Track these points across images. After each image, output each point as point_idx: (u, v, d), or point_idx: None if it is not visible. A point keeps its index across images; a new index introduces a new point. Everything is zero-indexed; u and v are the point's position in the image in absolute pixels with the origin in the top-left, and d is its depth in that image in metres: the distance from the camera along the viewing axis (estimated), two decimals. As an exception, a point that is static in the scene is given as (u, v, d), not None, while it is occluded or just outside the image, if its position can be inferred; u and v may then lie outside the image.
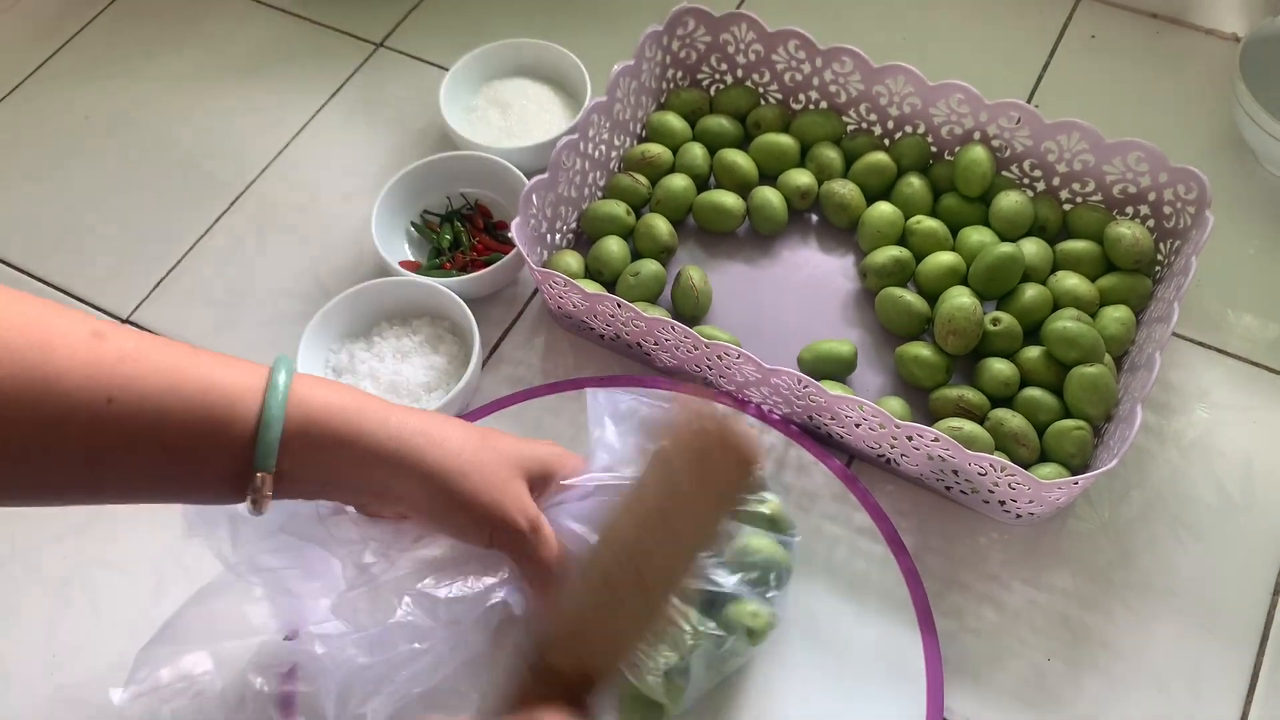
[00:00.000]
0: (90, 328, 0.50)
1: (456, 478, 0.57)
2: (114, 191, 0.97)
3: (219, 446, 0.52)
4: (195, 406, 0.51)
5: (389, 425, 0.56)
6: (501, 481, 0.58)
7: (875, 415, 0.70)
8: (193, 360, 0.52)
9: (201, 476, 0.53)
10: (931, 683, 0.67)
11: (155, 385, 0.50)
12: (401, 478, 0.56)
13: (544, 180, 0.81)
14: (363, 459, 0.55)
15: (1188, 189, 0.79)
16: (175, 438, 0.51)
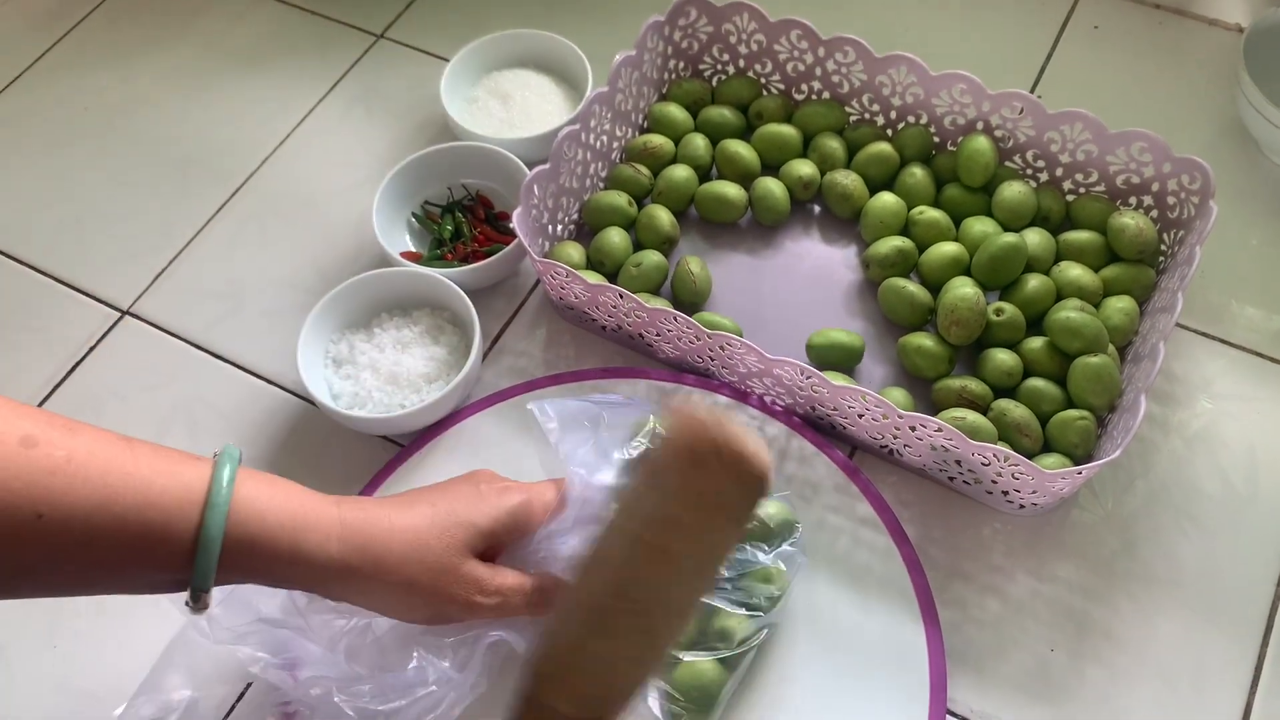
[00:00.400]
0: (20, 433, 0.48)
1: (400, 592, 0.57)
2: (114, 183, 0.97)
3: (154, 565, 0.51)
4: (130, 523, 0.50)
5: (328, 545, 0.54)
6: (451, 580, 0.58)
7: (878, 406, 0.69)
8: (129, 467, 0.50)
9: (136, 587, 0.53)
10: (935, 673, 0.67)
11: (87, 500, 0.48)
12: (343, 592, 0.57)
13: (545, 171, 0.81)
14: (303, 575, 0.55)
15: (1191, 179, 0.79)
16: (108, 554, 0.50)
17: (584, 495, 0.63)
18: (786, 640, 0.69)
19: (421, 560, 0.57)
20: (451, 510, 0.59)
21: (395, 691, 0.60)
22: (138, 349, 0.86)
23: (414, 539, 0.57)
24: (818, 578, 0.71)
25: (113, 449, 0.50)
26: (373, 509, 0.57)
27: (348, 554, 0.55)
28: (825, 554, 0.72)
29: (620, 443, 0.66)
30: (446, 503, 0.59)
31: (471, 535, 0.58)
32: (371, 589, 0.57)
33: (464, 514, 0.59)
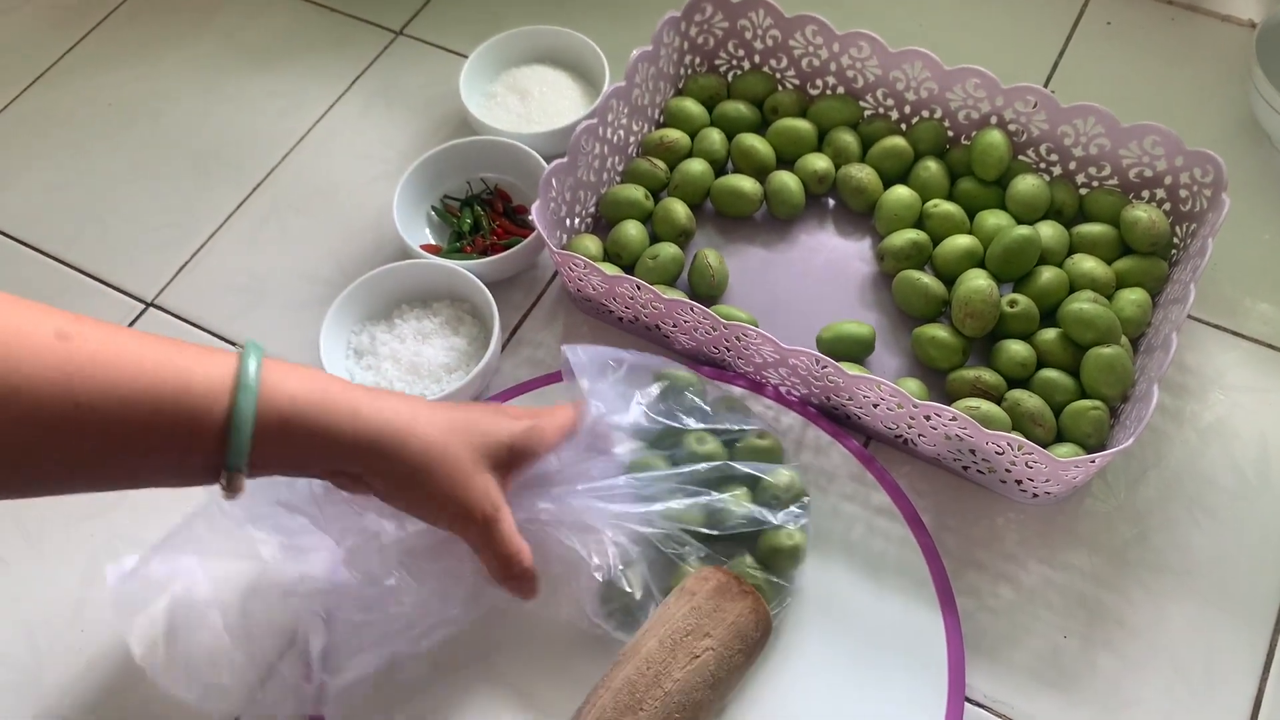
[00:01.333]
0: (54, 326, 0.50)
1: (421, 473, 0.58)
2: (137, 178, 0.98)
3: (191, 448, 0.53)
4: (165, 409, 0.51)
5: (358, 419, 0.56)
6: (465, 476, 0.59)
7: (893, 395, 0.70)
8: (160, 357, 0.52)
9: (175, 472, 0.54)
10: (953, 661, 0.68)
11: (124, 385, 0.50)
12: (367, 468, 0.58)
13: (563, 165, 0.82)
14: (331, 450, 0.56)
15: (1204, 172, 0.80)
16: (146, 440, 0.51)
17: (597, 428, 0.67)
18: (802, 627, 0.69)
19: (442, 454, 0.58)
20: (472, 419, 0.61)
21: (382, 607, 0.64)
22: (162, 340, 0.87)
23: (437, 433, 0.58)
24: (834, 565, 0.72)
25: (143, 340, 0.52)
26: (398, 399, 0.59)
27: (374, 433, 0.56)
28: (841, 542, 0.73)
29: (640, 387, 0.70)
30: (466, 412, 0.61)
31: (489, 444, 0.61)
32: (392, 470, 0.58)
33: (484, 424, 0.61)
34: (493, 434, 0.61)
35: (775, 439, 0.72)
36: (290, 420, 0.54)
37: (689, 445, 0.70)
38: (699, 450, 0.70)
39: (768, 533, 0.69)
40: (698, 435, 0.70)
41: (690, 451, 0.70)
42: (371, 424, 0.56)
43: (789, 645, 0.69)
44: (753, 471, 0.70)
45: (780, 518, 0.69)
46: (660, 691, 0.58)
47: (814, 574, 0.71)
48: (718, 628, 0.61)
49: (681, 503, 0.67)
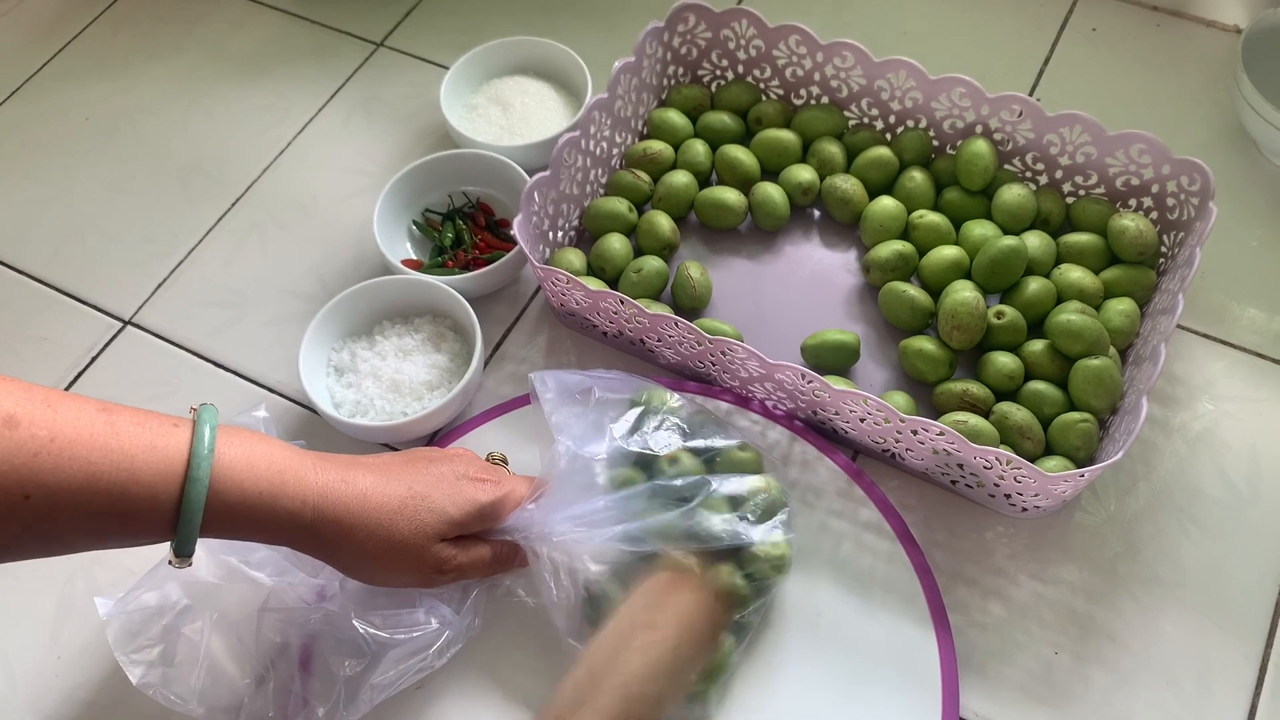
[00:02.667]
0: (3, 413, 0.50)
1: (363, 560, 0.60)
2: (116, 193, 0.97)
3: (138, 532, 0.54)
4: (115, 498, 0.52)
5: (304, 512, 0.57)
6: (412, 560, 0.61)
7: (880, 409, 0.69)
8: (111, 443, 0.52)
9: (122, 545, 0.55)
10: (946, 679, 0.67)
11: (73, 478, 0.50)
12: (313, 553, 0.59)
13: (545, 178, 0.81)
14: (277, 538, 0.58)
15: (1191, 180, 0.79)
16: (95, 525, 0.52)
17: (571, 468, 0.66)
18: (791, 645, 0.69)
19: (388, 539, 0.59)
20: (426, 496, 0.61)
21: (400, 624, 0.65)
22: (140, 359, 0.86)
23: (384, 519, 0.59)
24: (822, 581, 0.71)
25: (94, 422, 0.52)
26: (353, 477, 0.59)
27: (319, 523, 0.57)
28: (829, 558, 0.72)
29: (613, 418, 0.70)
30: (423, 485, 0.61)
31: (440, 522, 0.61)
32: (337, 556, 0.60)
33: (437, 502, 0.61)
34: (445, 513, 0.61)
35: (755, 451, 0.72)
36: (237, 510, 0.55)
37: (660, 467, 0.69)
38: (669, 471, 0.69)
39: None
40: (670, 457, 0.69)
41: (661, 472, 0.69)
42: (318, 516, 0.57)
43: (777, 663, 0.68)
44: (733, 489, 0.69)
45: (759, 533, 0.67)
46: (617, 680, 0.59)
47: (802, 590, 0.70)
48: (666, 620, 0.62)
49: (660, 518, 0.66)
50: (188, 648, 0.64)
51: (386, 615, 0.65)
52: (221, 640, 0.65)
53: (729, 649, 0.66)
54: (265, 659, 0.66)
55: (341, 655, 0.65)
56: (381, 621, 0.65)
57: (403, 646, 0.65)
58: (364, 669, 0.64)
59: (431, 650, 0.65)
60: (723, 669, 0.66)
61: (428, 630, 0.65)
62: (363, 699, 0.64)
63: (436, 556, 0.61)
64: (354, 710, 0.64)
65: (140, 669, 0.63)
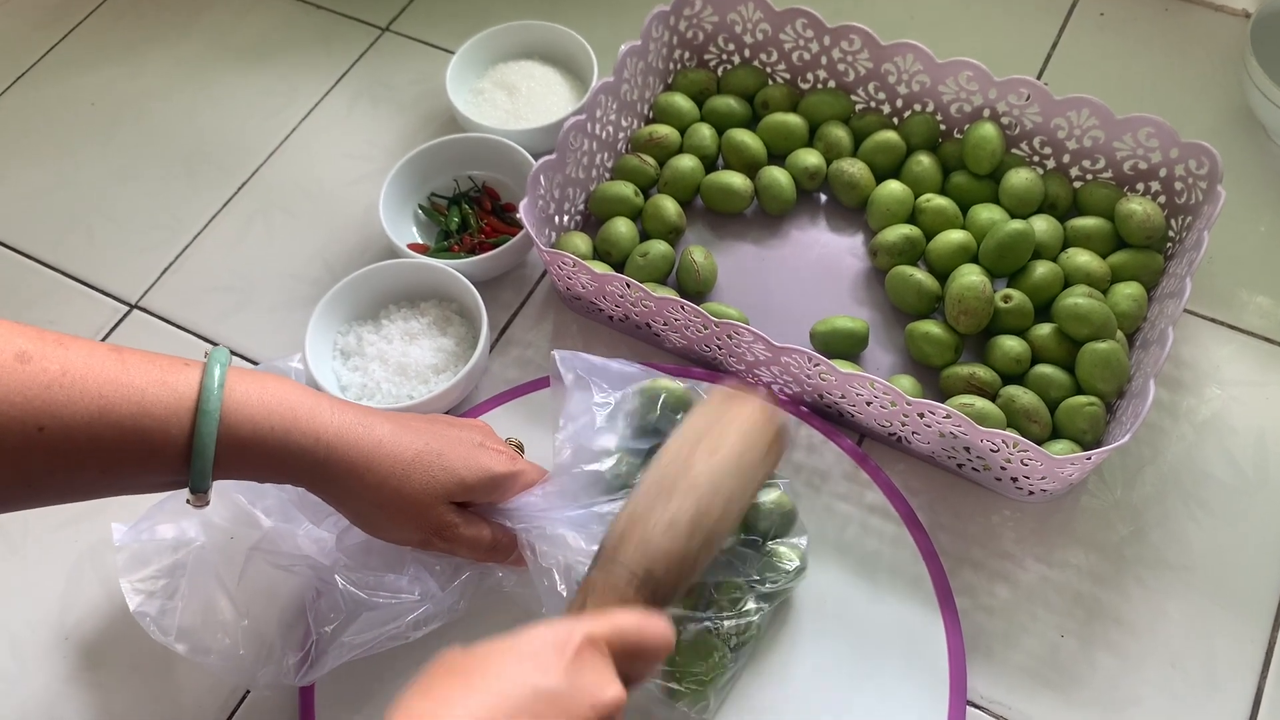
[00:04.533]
0: (14, 349, 0.50)
1: (371, 508, 0.59)
2: (121, 178, 0.97)
3: (153, 468, 0.53)
4: (128, 431, 0.52)
5: (316, 449, 0.56)
6: (415, 512, 0.60)
7: (887, 393, 0.69)
8: (122, 377, 0.52)
9: (138, 487, 0.55)
10: (954, 662, 0.67)
11: (86, 410, 0.51)
12: (323, 494, 0.59)
13: (551, 161, 0.81)
14: (291, 474, 0.57)
15: (1199, 164, 0.79)
16: (109, 460, 0.52)
17: (576, 461, 0.66)
18: (798, 629, 0.69)
19: (398, 489, 0.59)
20: (441, 454, 0.60)
21: (382, 588, 0.64)
22: (146, 343, 0.86)
23: (397, 468, 0.58)
24: (828, 566, 0.71)
25: (105, 359, 0.52)
26: (369, 420, 0.59)
27: (332, 461, 0.57)
28: (835, 542, 0.72)
29: (627, 410, 0.69)
30: (440, 444, 0.60)
31: (452, 482, 0.60)
32: (345, 497, 0.59)
33: (451, 461, 0.60)
34: (458, 474, 0.60)
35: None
36: (250, 445, 0.54)
37: None
38: None
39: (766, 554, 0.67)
40: None
41: None
42: (330, 454, 0.57)
43: (785, 648, 0.68)
44: None
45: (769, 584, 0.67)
46: (690, 477, 0.57)
47: (809, 575, 0.70)
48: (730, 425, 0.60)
49: None
50: (188, 585, 0.64)
51: (368, 575, 0.64)
52: (217, 582, 0.65)
53: (723, 657, 0.65)
54: (246, 601, 0.66)
55: (321, 608, 0.64)
56: (362, 580, 0.64)
57: (380, 610, 0.64)
58: (338, 625, 0.64)
59: (408, 620, 0.64)
60: (720, 673, 0.65)
61: (407, 600, 0.64)
62: (330, 655, 0.64)
63: (441, 518, 0.60)
64: (321, 665, 0.64)
65: (140, 597, 0.64)
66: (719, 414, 0.61)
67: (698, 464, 0.57)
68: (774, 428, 0.61)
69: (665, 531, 0.55)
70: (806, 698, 0.67)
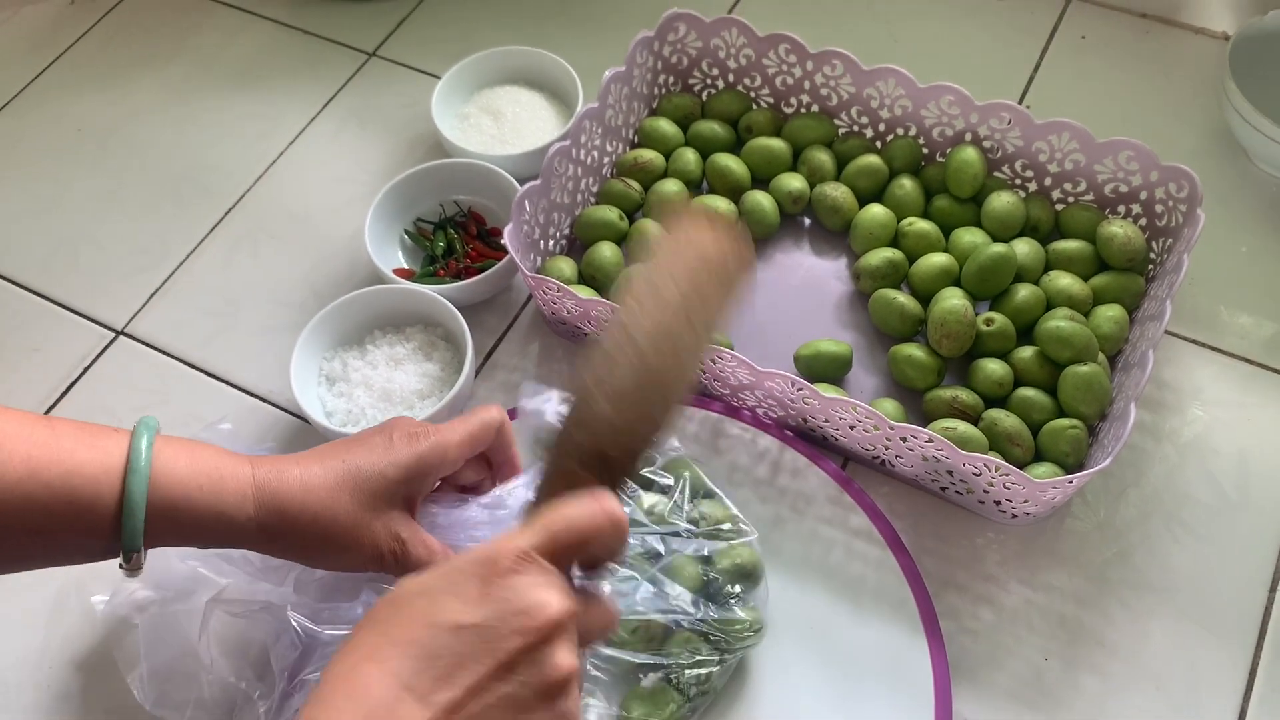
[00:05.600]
0: None
1: (315, 542, 0.59)
2: (108, 203, 0.97)
3: (83, 532, 0.54)
4: (57, 490, 0.52)
5: (246, 506, 0.56)
6: (359, 530, 0.59)
7: (869, 417, 0.70)
8: (50, 440, 0.53)
9: (70, 553, 0.55)
10: (939, 685, 0.67)
11: (14, 470, 0.51)
12: (267, 549, 0.59)
13: (536, 187, 0.81)
14: (226, 537, 0.57)
15: (1179, 187, 0.80)
16: (38, 523, 0.52)
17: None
18: (782, 652, 0.69)
19: (334, 516, 0.58)
20: (361, 464, 0.59)
21: (337, 619, 0.64)
22: (132, 368, 0.86)
23: (326, 497, 0.58)
24: (812, 589, 0.71)
25: (34, 426, 0.53)
26: (287, 467, 0.58)
27: (264, 514, 0.57)
28: (819, 565, 0.72)
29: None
30: (355, 456, 0.59)
31: (383, 486, 0.59)
32: (290, 544, 0.59)
33: (373, 465, 0.59)
34: (384, 475, 0.59)
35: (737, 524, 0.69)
36: (180, 506, 0.55)
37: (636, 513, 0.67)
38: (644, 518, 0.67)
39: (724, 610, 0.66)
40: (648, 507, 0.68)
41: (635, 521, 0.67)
42: (261, 509, 0.57)
43: (769, 672, 0.68)
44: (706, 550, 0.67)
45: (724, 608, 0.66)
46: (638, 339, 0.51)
47: (792, 598, 0.70)
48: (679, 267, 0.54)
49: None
50: (147, 646, 0.65)
51: (321, 609, 0.64)
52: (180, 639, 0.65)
53: (680, 708, 0.64)
54: (211, 653, 0.65)
55: (281, 650, 0.64)
56: (315, 614, 0.64)
57: (334, 645, 0.63)
58: (296, 663, 0.64)
59: None
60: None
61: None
62: (296, 696, 0.63)
63: (390, 529, 0.59)
64: (288, 707, 0.63)
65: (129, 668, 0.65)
66: (661, 259, 0.55)
67: (638, 322, 0.52)
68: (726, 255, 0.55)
69: (610, 403, 0.50)
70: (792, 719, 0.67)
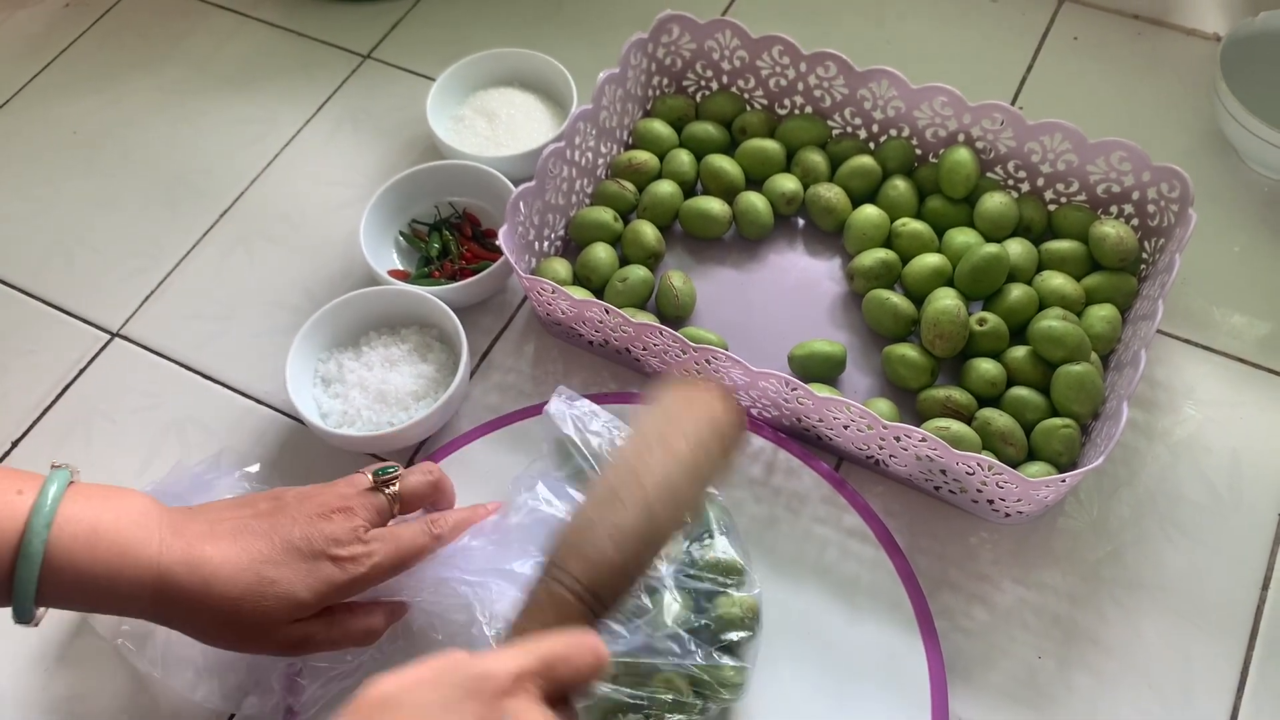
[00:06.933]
0: None
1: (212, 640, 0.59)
2: (102, 206, 0.97)
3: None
4: None
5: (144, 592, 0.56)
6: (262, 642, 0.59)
7: (863, 416, 0.70)
8: None
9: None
10: (935, 684, 0.67)
11: None
12: (161, 624, 0.59)
13: (531, 188, 0.81)
14: (122, 611, 0.57)
15: (1170, 187, 0.80)
16: None
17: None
18: (776, 654, 0.69)
19: (232, 624, 0.58)
20: (274, 582, 0.58)
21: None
22: (127, 371, 0.86)
23: (227, 605, 0.57)
24: (806, 590, 0.71)
25: None
26: (199, 558, 0.57)
27: (160, 605, 0.57)
28: (813, 566, 0.72)
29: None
30: (272, 569, 0.58)
31: (289, 607, 0.58)
32: (183, 629, 0.59)
33: (285, 588, 0.58)
34: (293, 597, 0.58)
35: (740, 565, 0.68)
36: (73, 588, 0.55)
37: None
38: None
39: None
40: None
41: None
42: (160, 596, 0.56)
43: (764, 673, 0.68)
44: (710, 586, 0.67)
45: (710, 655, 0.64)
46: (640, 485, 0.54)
47: (786, 597, 0.71)
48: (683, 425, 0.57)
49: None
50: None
51: None
52: None
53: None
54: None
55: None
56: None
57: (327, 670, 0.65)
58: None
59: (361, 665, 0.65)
60: None
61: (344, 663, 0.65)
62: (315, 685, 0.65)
63: (291, 636, 0.59)
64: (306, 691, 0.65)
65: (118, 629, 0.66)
66: (671, 412, 0.58)
67: (649, 469, 0.55)
68: (729, 420, 0.59)
69: (612, 543, 0.53)
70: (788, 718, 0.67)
